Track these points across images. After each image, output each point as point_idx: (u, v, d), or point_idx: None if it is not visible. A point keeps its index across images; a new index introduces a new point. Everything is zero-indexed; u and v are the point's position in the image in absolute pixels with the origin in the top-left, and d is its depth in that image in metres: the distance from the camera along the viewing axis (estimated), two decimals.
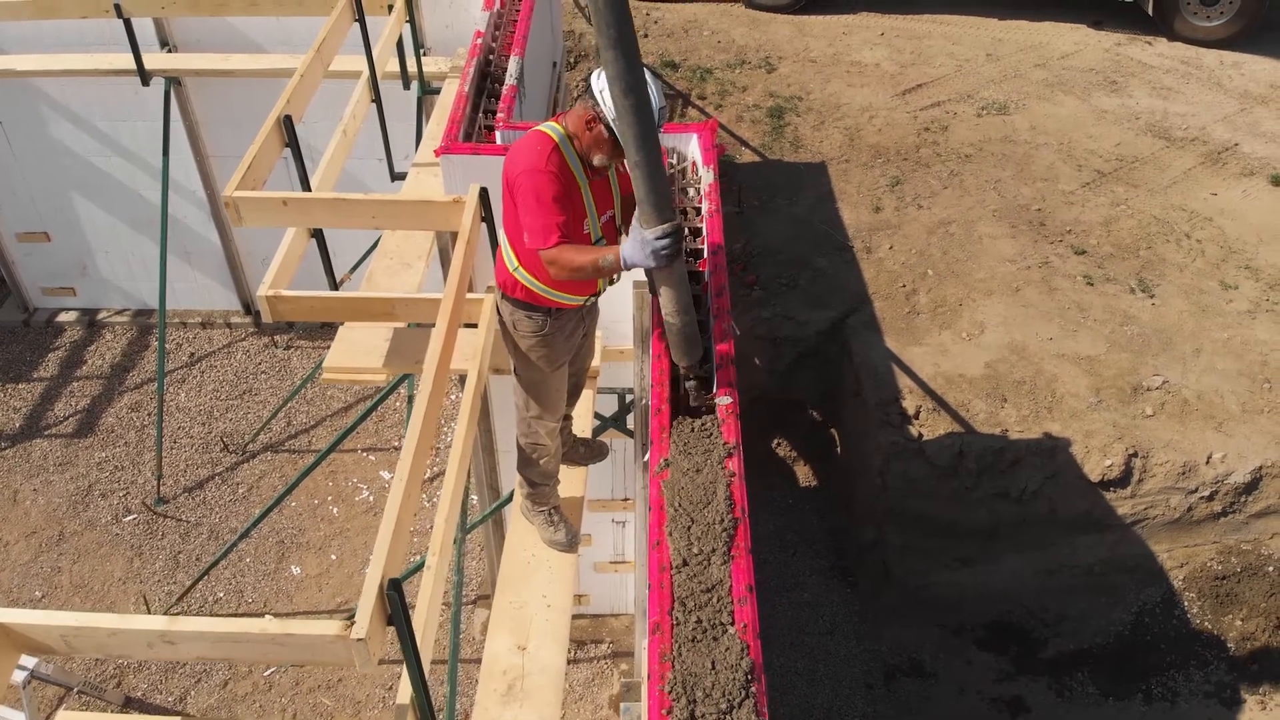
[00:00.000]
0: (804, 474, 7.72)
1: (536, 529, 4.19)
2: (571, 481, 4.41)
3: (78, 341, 8.73)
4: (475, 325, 3.99)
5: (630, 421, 4.94)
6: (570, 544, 4.15)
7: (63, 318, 8.89)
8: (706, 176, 4.40)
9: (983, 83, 9.73)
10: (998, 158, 8.70)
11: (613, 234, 3.60)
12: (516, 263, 3.58)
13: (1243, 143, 8.95)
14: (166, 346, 8.53)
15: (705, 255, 4.01)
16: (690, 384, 3.40)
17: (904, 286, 7.46)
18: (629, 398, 4.90)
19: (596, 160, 3.32)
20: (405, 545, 2.63)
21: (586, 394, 4.86)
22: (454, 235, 4.08)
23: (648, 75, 3.06)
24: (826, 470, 7.58)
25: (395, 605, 2.45)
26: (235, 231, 8.37)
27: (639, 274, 3.96)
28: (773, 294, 7.57)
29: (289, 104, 4.44)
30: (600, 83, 3.19)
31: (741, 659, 2.44)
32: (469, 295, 4.03)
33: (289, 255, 4.28)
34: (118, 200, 8.23)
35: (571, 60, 9.86)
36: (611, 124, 3.16)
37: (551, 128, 3.35)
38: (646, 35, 10.34)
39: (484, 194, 4.01)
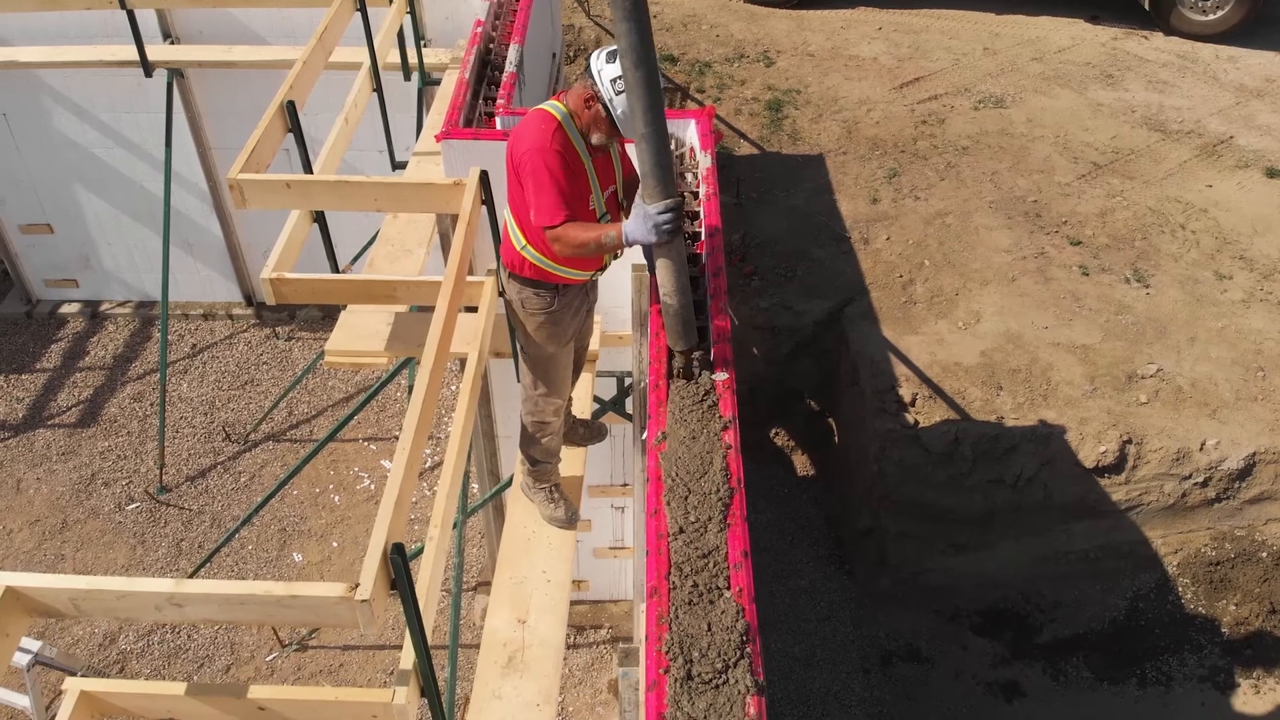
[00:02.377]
0: (801, 463, 7.78)
1: (537, 506, 4.27)
2: (571, 461, 4.49)
3: (80, 333, 8.78)
4: (476, 309, 4.05)
5: (629, 405, 5.00)
6: (569, 521, 4.23)
7: (65, 309, 8.94)
8: (704, 161, 4.45)
9: (980, 76, 9.79)
10: (994, 150, 8.76)
11: (615, 209, 3.67)
12: (524, 240, 3.62)
13: (1238, 135, 9.01)
14: (168, 338, 8.58)
15: (703, 238, 4.06)
16: (681, 366, 3.43)
17: (901, 277, 7.51)
18: (627, 381, 4.96)
19: (595, 139, 3.38)
20: (408, 512, 2.69)
21: (586, 377, 4.93)
22: (454, 218, 4.14)
23: None
24: (824, 459, 7.64)
25: (399, 569, 2.51)
26: (237, 223, 8.42)
27: (638, 256, 4.03)
28: (771, 284, 7.63)
29: (292, 90, 4.49)
30: (599, 62, 3.25)
31: (737, 621, 2.49)
32: (469, 278, 4.09)
33: (292, 239, 4.33)
34: (120, 192, 8.28)
35: (570, 54, 9.92)
36: (608, 104, 3.24)
37: (554, 106, 3.40)
38: None
39: (484, 177, 4.06)
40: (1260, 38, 10.32)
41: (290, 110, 4.43)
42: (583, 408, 4.82)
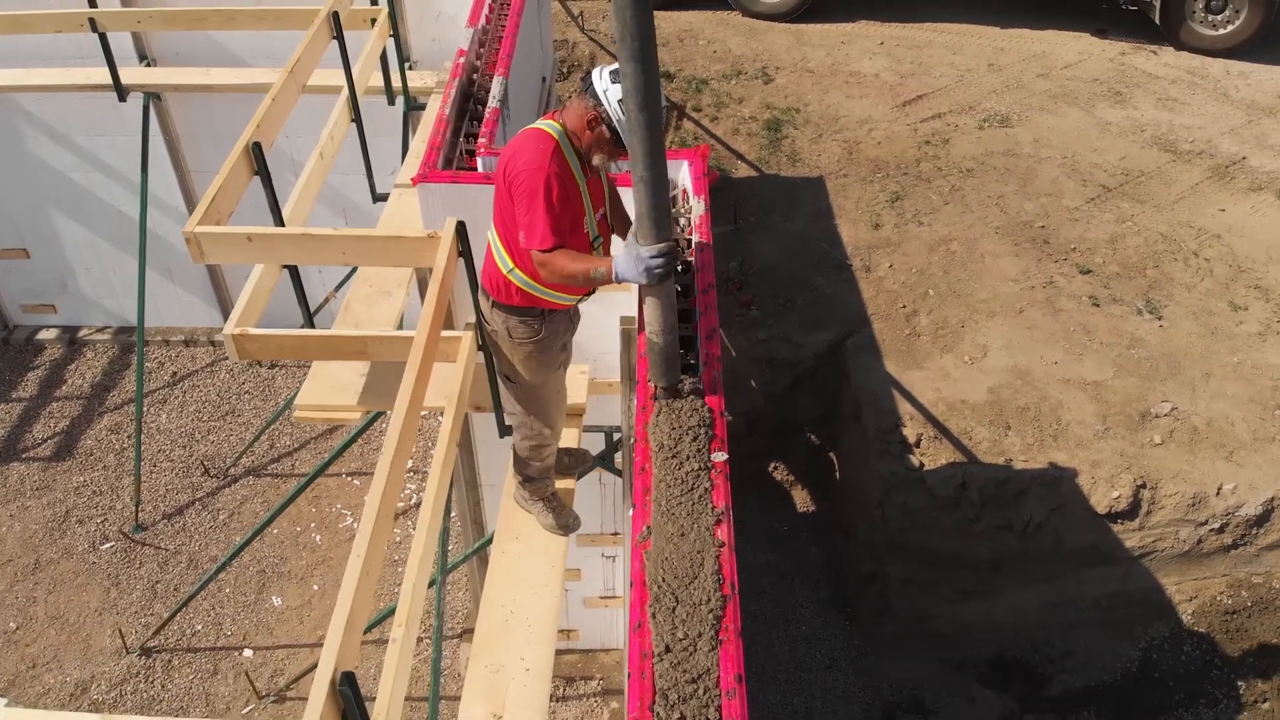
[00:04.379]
0: (801, 499, 7.51)
1: (534, 516, 4.22)
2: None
3: (58, 360, 8.52)
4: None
5: (618, 460, 4.75)
6: (566, 528, 4.19)
7: (43, 335, 8.69)
8: (697, 207, 4.18)
9: (984, 94, 9.52)
10: (1000, 172, 8.49)
11: (606, 231, 3.58)
12: (511, 264, 3.47)
13: (1250, 156, 8.74)
14: (148, 365, 8.32)
15: (696, 294, 3.79)
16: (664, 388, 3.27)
17: (904, 307, 7.24)
18: (616, 436, 4.70)
19: (596, 160, 3.30)
20: (360, 637, 2.42)
21: (572, 432, 4.68)
22: (430, 271, 3.87)
23: None
24: (824, 496, 7.36)
25: (349, 702, 2.24)
26: None
27: (629, 308, 3.78)
28: (769, 314, 7.36)
29: (259, 130, 4.22)
30: (603, 82, 3.15)
31: None
32: (446, 333, 3.83)
33: (258, 290, 4.07)
34: (97, 216, 8.03)
35: (564, 70, 9.65)
36: (616, 125, 3.14)
37: (550, 125, 3.28)
38: None
39: (461, 228, 3.79)
40: (1272, 53, 10.04)
41: (256, 152, 4.16)
42: (566, 437, 4.59)
